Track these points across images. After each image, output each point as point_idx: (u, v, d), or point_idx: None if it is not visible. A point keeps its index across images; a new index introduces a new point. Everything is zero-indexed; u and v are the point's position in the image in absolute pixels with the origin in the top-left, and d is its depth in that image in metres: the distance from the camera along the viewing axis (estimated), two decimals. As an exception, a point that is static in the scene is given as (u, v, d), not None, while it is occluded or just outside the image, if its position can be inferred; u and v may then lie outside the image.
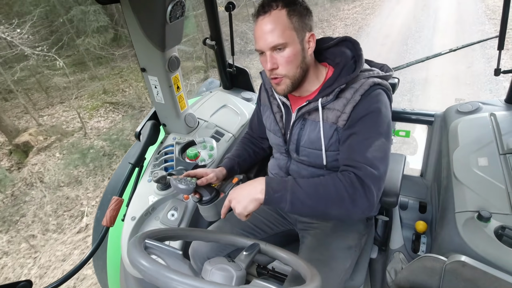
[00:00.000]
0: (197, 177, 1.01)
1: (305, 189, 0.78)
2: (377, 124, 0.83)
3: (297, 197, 0.77)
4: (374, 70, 0.90)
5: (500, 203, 0.99)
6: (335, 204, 0.77)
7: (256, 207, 0.79)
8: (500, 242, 0.88)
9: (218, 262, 0.63)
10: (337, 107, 0.87)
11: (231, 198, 0.83)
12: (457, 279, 0.76)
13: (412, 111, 1.64)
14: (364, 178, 0.78)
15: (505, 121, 1.29)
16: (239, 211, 0.80)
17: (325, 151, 0.92)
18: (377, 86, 0.86)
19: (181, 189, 0.97)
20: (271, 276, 1.18)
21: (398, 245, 1.43)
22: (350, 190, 0.77)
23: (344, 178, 0.79)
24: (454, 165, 1.20)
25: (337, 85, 0.86)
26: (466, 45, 1.51)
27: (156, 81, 1.26)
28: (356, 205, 0.77)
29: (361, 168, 0.79)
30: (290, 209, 0.78)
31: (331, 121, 0.88)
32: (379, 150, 0.81)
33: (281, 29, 0.80)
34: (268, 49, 0.82)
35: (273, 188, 0.78)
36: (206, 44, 1.63)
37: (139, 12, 1.05)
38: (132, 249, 0.57)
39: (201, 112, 1.58)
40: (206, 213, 1.12)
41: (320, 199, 0.77)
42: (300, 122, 0.94)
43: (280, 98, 0.98)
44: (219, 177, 1.06)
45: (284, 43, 0.81)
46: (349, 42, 0.93)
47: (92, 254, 1.12)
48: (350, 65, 0.89)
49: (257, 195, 0.78)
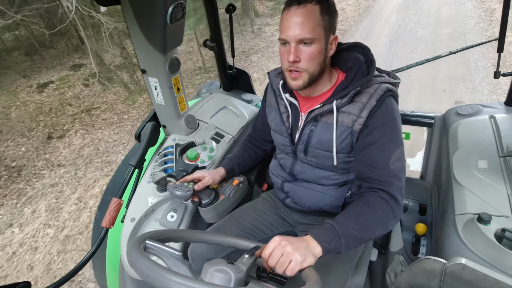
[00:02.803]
0: (194, 181, 1.02)
1: (351, 227, 0.77)
2: (395, 134, 0.86)
3: (349, 237, 0.76)
4: (384, 76, 0.91)
5: (500, 206, 0.99)
6: (380, 226, 0.80)
7: (313, 263, 0.71)
8: (500, 244, 0.88)
9: (217, 263, 0.63)
10: (353, 111, 0.87)
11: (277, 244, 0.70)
12: (457, 281, 0.75)
13: (412, 113, 1.64)
14: (392, 192, 0.81)
15: (505, 124, 1.29)
16: (297, 261, 0.68)
17: (336, 153, 0.92)
18: (390, 92, 0.87)
19: (178, 195, 0.97)
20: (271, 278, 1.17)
21: (398, 247, 1.42)
22: (386, 209, 0.80)
23: (375, 199, 0.81)
24: (454, 167, 1.20)
25: (352, 87, 0.86)
26: (466, 47, 1.51)
27: (157, 82, 1.27)
28: (395, 218, 0.81)
29: (387, 183, 0.82)
30: (346, 250, 0.77)
31: (346, 125, 0.88)
32: (398, 160, 0.84)
33: (313, 24, 0.80)
34: (294, 40, 0.82)
35: (325, 240, 0.74)
36: (206, 46, 1.63)
37: (139, 14, 1.05)
38: (131, 251, 0.57)
39: (201, 113, 1.58)
40: (206, 215, 1.12)
41: (367, 228, 0.79)
42: (312, 123, 0.94)
43: (288, 98, 0.98)
44: (215, 178, 1.06)
45: (312, 38, 0.81)
46: (359, 48, 0.94)
47: (92, 255, 1.11)
48: (363, 70, 0.90)
49: (314, 250, 0.72)
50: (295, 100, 0.98)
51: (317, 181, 1.01)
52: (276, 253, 0.69)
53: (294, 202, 1.07)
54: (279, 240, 0.71)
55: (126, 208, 1.21)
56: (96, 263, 1.51)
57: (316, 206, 1.02)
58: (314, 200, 1.01)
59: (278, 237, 0.72)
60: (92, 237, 1.60)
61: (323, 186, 1.00)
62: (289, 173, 1.06)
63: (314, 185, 1.01)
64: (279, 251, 0.69)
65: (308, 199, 1.02)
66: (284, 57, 0.86)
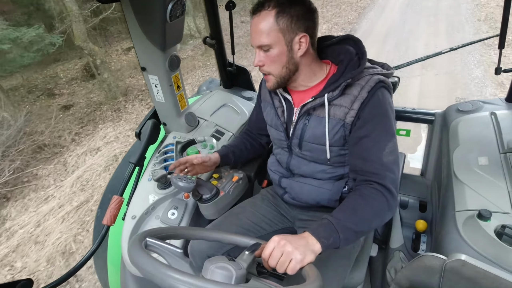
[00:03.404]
0: (188, 163, 1.05)
1: (348, 222, 0.78)
2: (387, 126, 0.86)
3: (347, 231, 0.77)
4: (376, 68, 0.91)
5: (500, 202, 0.99)
6: (376, 218, 0.81)
7: (313, 260, 0.71)
8: (500, 241, 0.88)
9: (218, 260, 0.63)
10: (344, 103, 0.87)
11: (277, 244, 0.71)
12: (457, 278, 0.76)
13: (412, 110, 1.63)
14: (386, 184, 0.82)
15: (505, 120, 1.29)
16: (297, 260, 0.68)
17: (329, 146, 0.93)
18: (382, 83, 0.87)
19: (181, 186, 0.97)
20: (271, 275, 1.18)
21: (398, 244, 1.43)
22: (381, 200, 0.81)
23: (370, 192, 0.82)
24: (454, 164, 1.20)
25: (343, 80, 0.87)
26: (466, 44, 1.50)
27: (156, 80, 1.26)
28: (390, 209, 0.82)
29: (381, 176, 0.83)
30: (345, 244, 0.77)
31: (338, 117, 0.89)
32: (391, 152, 0.84)
33: (267, 31, 0.83)
34: (256, 47, 0.87)
35: (324, 236, 0.75)
36: (206, 43, 1.62)
37: (139, 11, 1.05)
38: (132, 248, 0.58)
39: (201, 111, 1.58)
40: (207, 211, 1.12)
41: (363, 221, 0.80)
42: (305, 117, 0.95)
43: (281, 93, 0.99)
44: (212, 158, 1.10)
45: (268, 44, 0.84)
46: (351, 40, 0.94)
47: (93, 253, 1.12)
48: (354, 62, 0.90)
49: (314, 246, 0.72)
50: (288, 94, 0.99)
51: (313, 175, 1.02)
52: (276, 253, 0.69)
53: (292, 198, 1.08)
54: (278, 239, 0.71)
55: (127, 205, 1.21)
56: (97, 261, 1.51)
57: (314, 200, 1.03)
58: (311, 194, 1.02)
59: (277, 236, 0.72)
60: (93, 234, 1.61)
61: (319, 181, 1.01)
62: (286, 168, 1.07)
63: (310, 180, 1.02)
64: (279, 250, 0.69)
65: (305, 194, 1.03)
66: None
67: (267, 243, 0.72)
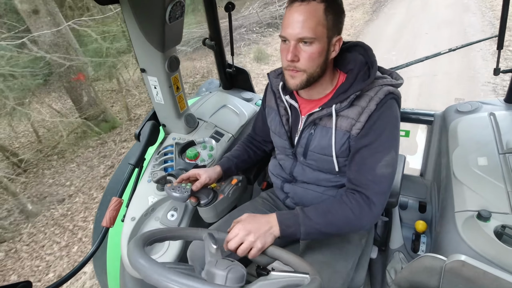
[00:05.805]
0: (190, 181, 1.01)
1: (315, 220, 0.82)
2: (389, 138, 0.84)
3: (310, 228, 0.81)
4: (386, 78, 0.88)
5: (499, 203, 0.99)
6: (345, 226, 0.83)
7: (272, 242, 0.80)
8: (499, 241, 0.88)
9: (218, 262, 0.63)
10: (352, 115, 0.84)
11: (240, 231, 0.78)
12: (457, 278, 0.76)
13: (411, 110, 1.64)
14: (370, 195, 0.82)
15: (504, 121, 1.29)
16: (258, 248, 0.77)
17: (336, 158, 0.90)
18: (392, 95, 0.84)
19: (175, 197, 0.96)
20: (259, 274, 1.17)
21: (398, 245, 1.43)
22: (356, 210, 0.82)
23: (349, 200, 0.84)
24: (453, 164, 1.20)
25: (353, 91, 0.83)
26: (466, 44, 1.51)
27: (156, 81, 1.26)
28: (363, 221, 0.82)
29: (367, 187, 0.83)
30: (305, 238, 0.83)
31: (344, 129, 0.86)
32: (387, 165, 0.83)
33: (315, 23, 0.76)
34: (294, 39, 0.78)
35: (286, 224, 0.81)
36: (205, 45, 1.63)
37: (138, 12, 1.05)
38: (132, 250, 0.58)
39: (200, 112, 1.58)
40: (206, 215, 1.12)
41: (332, 225, 0.82)
42: (310, 127, 0.92)
43: (288, 100, 0.96)
44: (212, 176, 1.04)
45: (313, 37, 0.77)
46: (361, 48, 0.90)
47: (92, 254, 1.12)
48: (364, 72, 0.86)
49: (274, 231, 0.80)
50: (295, 102, 0.95)
51: (317, 182, 1.00)
52: (238, 241, 0.77)
53: (295, 203, 1.07)
54: (240, 227, 0.78)
55: (126, 207, 1.21)
56: (97, 263, 1.51)
57: None
58: (314, 200, 1.01)
59: (240, 223, 0.80)
60: (93, 236, 1.60)
61: (323, 187, 1.00)
62: (289, 174, 1.05)
63: (314, 186, 1.01)
64: (240, 239, 0.77)
65: (309, 199, 1.02)
66: (283, 55, 0.82)
67: (231, 231, 0.79)
